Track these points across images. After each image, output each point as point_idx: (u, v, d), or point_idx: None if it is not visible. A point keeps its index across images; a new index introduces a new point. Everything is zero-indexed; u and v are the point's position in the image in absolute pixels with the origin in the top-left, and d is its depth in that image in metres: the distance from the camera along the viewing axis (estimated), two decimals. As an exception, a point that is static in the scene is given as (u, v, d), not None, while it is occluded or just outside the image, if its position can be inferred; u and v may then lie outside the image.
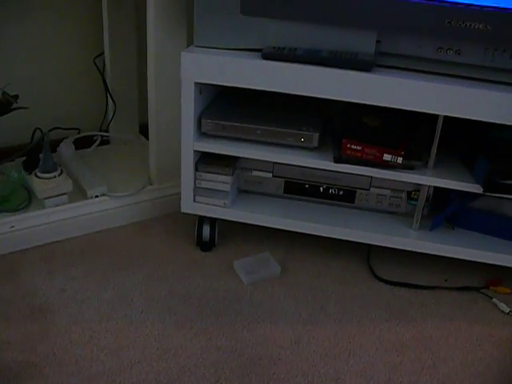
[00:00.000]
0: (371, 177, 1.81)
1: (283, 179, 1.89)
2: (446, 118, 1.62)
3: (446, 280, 1.87)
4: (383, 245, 1.81)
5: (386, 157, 1.67)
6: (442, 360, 1.58)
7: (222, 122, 1.76)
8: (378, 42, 1.61)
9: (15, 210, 1.87)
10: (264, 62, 1.62)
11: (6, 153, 2.04)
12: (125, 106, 2.33)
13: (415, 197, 1.83)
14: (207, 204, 1.85)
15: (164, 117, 1.95)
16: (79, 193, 1.97)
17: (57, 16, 2.18)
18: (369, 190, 1.86)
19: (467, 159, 1.74)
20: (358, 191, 1.87)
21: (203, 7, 1.64)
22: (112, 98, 2.30)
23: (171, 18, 1.84)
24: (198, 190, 1.84)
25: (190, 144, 1.76)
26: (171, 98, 1.91)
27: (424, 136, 1.72)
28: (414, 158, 1.69)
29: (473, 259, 1.78)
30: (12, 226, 1.82)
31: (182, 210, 1.88)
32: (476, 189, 1.66)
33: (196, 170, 1.82)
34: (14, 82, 1.93)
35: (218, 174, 1.82)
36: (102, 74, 2.30)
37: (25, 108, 1.93)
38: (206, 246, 1.93)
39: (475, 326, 1.70)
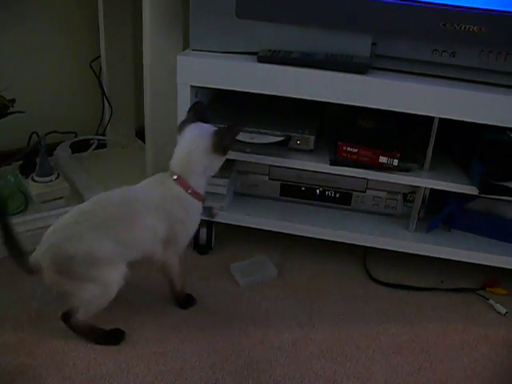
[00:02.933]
0: (367, 179, 1.81)
1: (279, 182, 1.90)
2: (441, 120, 1.62)
3: (442, 282, 1.88)
4: (380, 247, 1.81)
5: (382, 159, 1.67)
6: (438, 361, 1.58)
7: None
8: (373, 44, 1.62)
9: (12, 214, 1.86)
10: (260, 65, 1.62)
11: (2, 157, 2.04)
12: (121, 110, 2.33)
13: (411, 199, 1.83)
14: (204, 207, 1.85)
15: (160, 120, 1.95)
16: (76, 196, 1.97)
17: (53, 20, 2.19)
18: (365, 192, 1.87)
19: (462, 161, 1.75)
20: (354, 193, 1.87)
21: (199, 11, 1.64)
22: (108, 102, 2.31)
23: (167, 22, 1.84)
24: (194, 194, 1.85)
25: (187, 147, 1.77)
26: (167, 101, 1.91)
27: (419, 138, 1.73)
28: (410, 160, 1.70)
29: (469, 261, 1.78)
30: (9, 231, 1.82)
31: (179, 213, 1.88)
32: (472, 190, 1.67)
33: (192, 173, 1.82)
34: (11, 87, 1.93)
35: (214, 177, 1.81)
36: (99, 77, 2.30)
37: (21, 112, 1.93)
38: (202, 248, 1.93)
39: (472, 328, 1.71)
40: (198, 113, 1.59)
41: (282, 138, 1.73)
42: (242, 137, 1.71)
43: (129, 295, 1.72)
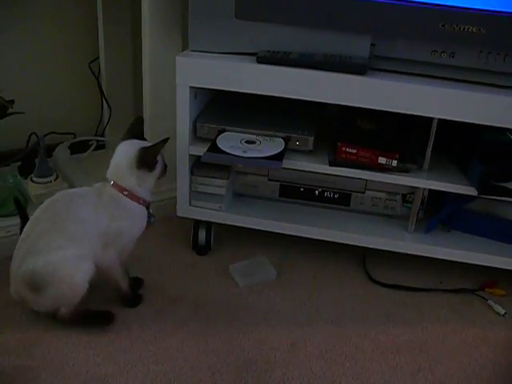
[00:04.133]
0: (366, 180, 1.81)
1: (278, 183, 1.90)
2: (440, 120, 1.62)
3: (441, 282, 1.88)
4: (379, 248, 1.81)
5: (381, 160, 1.67)
6: (437, 362, 1.58)
7: (217, 126, 1.76)
8: (372, 45, 1.62)
9: (11, 214, 1.86)
10: (259, 65, 1.63)
11: (1, 157, 2.04)
12: (120, 111, 2.33)
13: (410, 199, 1.83)
14: (203, 208, 1.86)
15: (159, 121, 1.95)
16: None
17: (52, 21, 2.19)
18: (364, 193, 1.87)
19: (461, 162, 1.75)
20: (354, 194, 1.87)
21: (198, 12, 1.64)
22: (107, 103, 2.30)
23: (166, 23, 1.84)
24: (193, 194, 1.85)
25: (186, 148, 1.77)
26: (167, 102, 1.91)
27: (418, 139, 1.73)
28: (409, 161, 1.70)
29: (468, 261, 1.78)
30: (8, 231, 1.82)
31: (177, 214, 1.88)
32: (470, 191, 1.67)
33: (192, 174, 1.82)
34: (10, 87, 1.93)
35: (213, 177, 1.82)
36: (98, 78, 2.30)
37: (20, 113, 1.93)
38: (201, 249, 1.93)
39: (471, 328, 1.71)
40: (134, 128, 1.66)
41: (276, 152, 1.71)
42: (234, 150, 1.71)
43: (128, 296, 1.72)
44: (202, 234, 1.91)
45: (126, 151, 1.58)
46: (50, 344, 1.54)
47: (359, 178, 1.76)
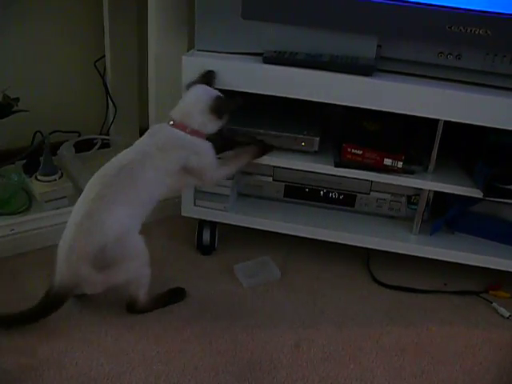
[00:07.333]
0: (371, 181, 1.81)
1: (283, 183, 1.90)
2: (445, 122, 1.62)
3: (445, 284, 1.87)
4: (383, 249, 1.81)
5: (387, 161, 1.67)
6: (441, 364, 1.58)
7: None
8: (378, 46, 1.62)
9: (15, 212, 1.87)
10: (265, 66, 1.63)
11: (6, 155, 2.04)
12: (125, 110, 2.33)
13: (415, 201, 1.83)
14: (207, 208, 1.86)
15: (164, 120, 1.95)
16: (79, 196, 1.96)
17: (58, 20, 2.18)
18: (369, 194, 1.86)
19: (467, 164, 1.74)
20: (358, 195, 1.87)
21: (204, 11, 1.64)
22: (112, 102, 2.30)
23: (172, 22, 1.84)
24: (198, 194, 1.85)
25: (191, 148, 1.77)
26: (172, 101, 1.91)
27: (424, 140, 1.73)
28: (414, 163, 1.70)
29: (472, 264, 1.78)
30: (12, 229, 1.82)
31: (182, 214, 1.88)
32: (476, 193, 1.67)
33: (196, 173, 1.82)
34: (15, 85, 1.94)
35: (218, 178, 1.82)
36: (103, 77, 2.30)
37: (25, 111, 1.93)
38: (206, 249, 1.93)
39: (475, 331, 1.70)
40: (206, 77, 1.65)
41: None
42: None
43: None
44: (206, 234, 1.91)
45: (201, 94, 1.62)
46: (54, 343, 1.54)
47: (364, 179, 1.76)
